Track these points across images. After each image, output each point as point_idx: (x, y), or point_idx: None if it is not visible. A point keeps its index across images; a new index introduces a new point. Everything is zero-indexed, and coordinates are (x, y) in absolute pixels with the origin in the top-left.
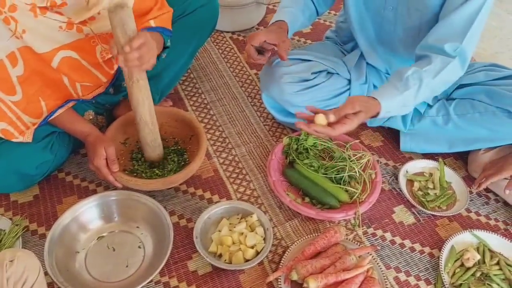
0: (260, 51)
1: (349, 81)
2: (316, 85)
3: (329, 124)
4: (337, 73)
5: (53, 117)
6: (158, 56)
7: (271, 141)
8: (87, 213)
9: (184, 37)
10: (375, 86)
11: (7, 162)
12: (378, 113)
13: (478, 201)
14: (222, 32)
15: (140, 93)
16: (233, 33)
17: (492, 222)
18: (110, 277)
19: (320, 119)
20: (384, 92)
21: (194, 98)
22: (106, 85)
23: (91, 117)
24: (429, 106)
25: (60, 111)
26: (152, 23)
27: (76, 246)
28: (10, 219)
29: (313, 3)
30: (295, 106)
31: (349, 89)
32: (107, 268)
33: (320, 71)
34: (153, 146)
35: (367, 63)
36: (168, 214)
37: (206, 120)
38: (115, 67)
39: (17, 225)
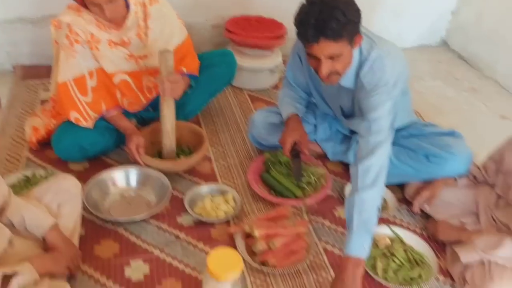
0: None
1: (315, 126)
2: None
3: None
4: (306, 120)
5: (108, 115)
6: (186, 91)
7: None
8: (119, 176)
9: (207, 81)
10: (337, 130)
11: (73, 137)
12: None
13: (406, 213)
14: (242, 89)
15: (168, 109)
16: (251, 91)
17: (411, 227)
18: (124, 216)
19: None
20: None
21: (209, 125)
22: (144, 105)
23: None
24: None
25: (113, 111)
26: (184, 70)
27: (104, 197)
28: None
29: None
30: (272, 142)
31: (315, 131)
32: (123, 214)
33: None
34: (170, 150)
35: None
36: (170, 186)
37: (215, 140)
38: (154, 94)
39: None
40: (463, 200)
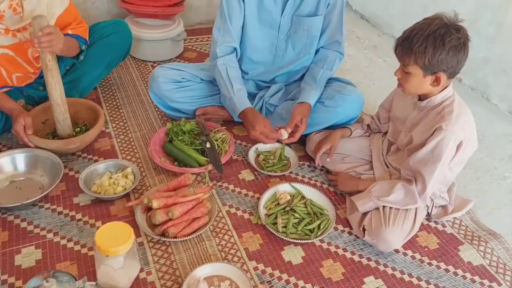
0: None
1: None
2: (188, 86)
3: (290, 135)
4: (210, 81)
5: None
6: (77, 57)
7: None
8: (4, 161)
9: (101, 54)
10: (249, 93)
11: None
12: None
13: (307, 169)
14: (144, 61)
15: (53, 79)
16: (154, 62)
17: (312, 182)
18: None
19: (284, 133)
20: (309, 95)
21: (110, 101)
22: (34, 76)
23: (21, 105)
24: (277, 106)
25: None
26: (69, 32)
27: None
28: None
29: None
30: (174, 102)
31: (219, 93)
32: (13, 200)
33: (195, 76)
34: (64, 125)
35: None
36: (63, 166)
37: (116, 115)
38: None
39: None
40: (359, 149)
